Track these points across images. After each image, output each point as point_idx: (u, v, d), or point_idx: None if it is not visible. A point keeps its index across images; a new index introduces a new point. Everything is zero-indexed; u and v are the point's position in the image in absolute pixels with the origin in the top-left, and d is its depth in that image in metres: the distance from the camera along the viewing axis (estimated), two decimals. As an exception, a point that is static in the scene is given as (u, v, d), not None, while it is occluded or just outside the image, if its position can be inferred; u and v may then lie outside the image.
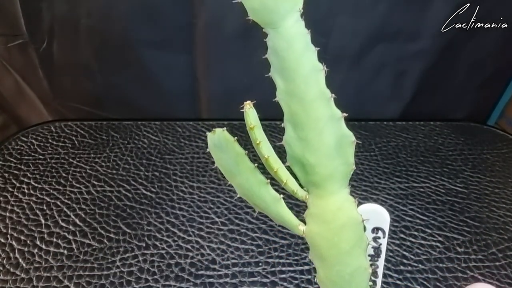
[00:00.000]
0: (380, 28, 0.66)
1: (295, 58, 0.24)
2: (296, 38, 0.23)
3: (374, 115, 0.76)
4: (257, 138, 0.27)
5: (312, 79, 0.25)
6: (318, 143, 0.26)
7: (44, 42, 0.67)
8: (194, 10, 0.64)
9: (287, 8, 0.23)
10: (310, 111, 0.25)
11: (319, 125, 0.26)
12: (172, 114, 0.74)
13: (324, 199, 0.29)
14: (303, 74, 0.24)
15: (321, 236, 0.29)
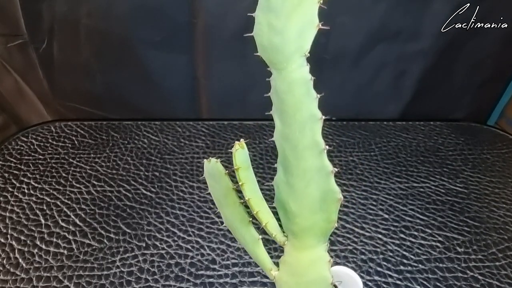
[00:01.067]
0: (380, 28, 0.66)
1: (294, 103, 0.23)
2: (298, 83, 0.23)
3: (374, 115, 0.76)
4: (241, 180, 0.27)
5: (307, 127, 0.24)
6: (303, 194, 0.26)
7: (44, 42, 0.67)
8: (194, 10, 0.64)
9: (292, 51, 0.22)
10: (300, 160, 0.25)
11: (307, 175, 0.25)
12: (172, 114, 0.74)
13: (299, 251, 0.28)
14: (300, 121, 0.24)
15: (288, 286, 0.29)
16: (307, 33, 0.22)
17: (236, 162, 0.26)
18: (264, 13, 0.23)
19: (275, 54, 0.23)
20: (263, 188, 0.31)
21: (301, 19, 0.22)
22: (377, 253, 0.48)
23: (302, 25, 0.22)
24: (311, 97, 0.23)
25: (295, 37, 0.22)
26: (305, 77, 0.23)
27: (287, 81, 0.23)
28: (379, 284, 0.45)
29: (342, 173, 0.60)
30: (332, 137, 0.68)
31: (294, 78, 0.23)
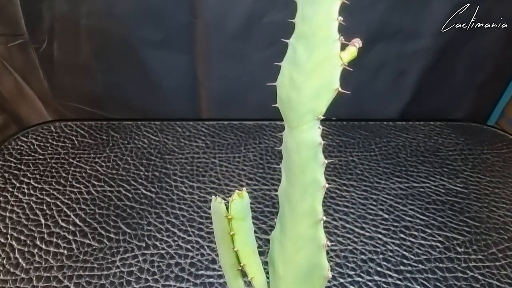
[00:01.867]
0: (380, 27, 0.66)
1: (299, 164, 0.23)
2: (306, 145, 0.22)
3: (373, 115, 0.76)
4: (232, 229, 0.26)
5: (308, 192, 0.23)
6: (292, 259, 0.25)
7: (44, 42, 0.67)
8: (195, 9, 0.64)
9: (306, 110, 0.21)
10: (296, 224, 0.24)
11: (299, 242, 0.24)
12: (172, 114, 0.74)
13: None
14: (302, 183, 0.23)
15: None
16: (324, 95, 0.21)
17: (230, 212, 0.25)
18: (289, 64, 0.22)
19: (290, 110, 0.22)
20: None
21: (321, 79, 0.21)
22: (377, 253, 0.48)
23: (320, 86, 0.21)
24: (317, 162, 0.22)
25: (311, 96, 0.21)
26: (314, 140, 0.22)
27: (296, 140, 0.22)
28: (379, 284, 0.45)
29: (342, 173, 0.60)
30: (332, 137, 0.68)
31: (303, 139, 0.22)
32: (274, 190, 0.56)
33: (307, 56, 0.21)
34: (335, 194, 0.57)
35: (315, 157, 0.22)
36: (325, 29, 0.20)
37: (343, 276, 0.46)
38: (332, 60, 0.20)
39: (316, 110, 0.21)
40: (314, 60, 0.21)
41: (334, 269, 0.46)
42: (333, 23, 0.20)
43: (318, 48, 0.20)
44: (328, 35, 0.20)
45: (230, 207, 0.25)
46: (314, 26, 0.21)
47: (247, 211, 0.26)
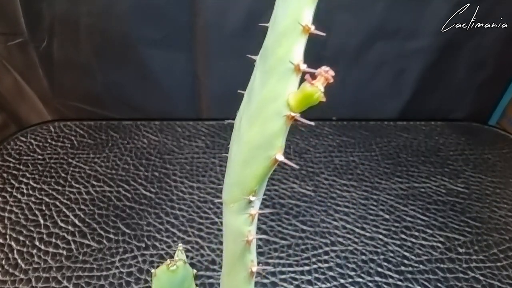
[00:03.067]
0: (379, 26, 0.66)
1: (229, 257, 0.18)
2: (232, 235, 0.17)
3: (374, 114, 0.75)
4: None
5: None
6: None
7: (44, 41, 0.67)
8: (195, 8, 0.64)
9: (234, 182, 0.16)
10: None
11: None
12: (172, 114, 0.74)
13: None
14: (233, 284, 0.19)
15: None
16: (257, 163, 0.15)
17: None
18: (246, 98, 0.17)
19: (227, 168, 0.17)
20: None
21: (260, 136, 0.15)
22: (378, 254, 0.48)
23: (257, 146, 0.15)
24: (243, 268, 0.17)
25: (241, 162, 0.15)
26: (241, 231, 0.16)
27: (226, 223, 0.17)
28: (380, 284, 0.45)
29: (343, 173, 0.60)
30: (333, 137, 0.67)
31: (229, 223, 0.17)
32: (274, 190, 0.56)
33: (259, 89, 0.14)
34: (336, 194, 0.56)
35: (241, 258, 0.17)
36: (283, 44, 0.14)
37: (344, 277, 0.45)
38: (276, 107, 0.14)
39: (245, 185, 0.15)
40: (262, 99, 0.14)
41: (334, 270, 0.46)
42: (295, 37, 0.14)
43: (269, 79, 0.14)
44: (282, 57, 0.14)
45: (152, 283, 0.20)
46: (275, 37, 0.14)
47: (183, 283, 0.20)
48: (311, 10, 0.14)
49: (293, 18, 0.14)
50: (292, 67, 0.13)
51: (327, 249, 0.48)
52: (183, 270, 0.20)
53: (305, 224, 0.52)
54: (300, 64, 0.14)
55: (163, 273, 0.19)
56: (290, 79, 0.13)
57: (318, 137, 0.67)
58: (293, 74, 0.14)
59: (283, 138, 0.14)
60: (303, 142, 0.66)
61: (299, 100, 0.13)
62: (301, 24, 0.13)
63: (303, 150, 0.64)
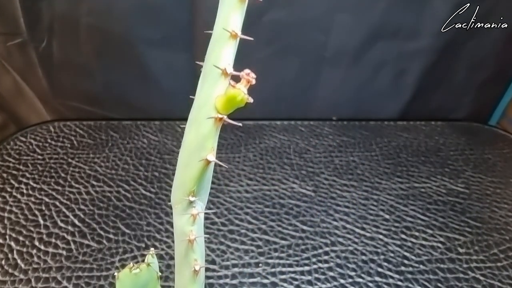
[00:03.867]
0: (380, 26, 0.66)
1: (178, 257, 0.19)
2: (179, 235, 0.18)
3: (373, 114, 0.75)
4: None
5: None
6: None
7: (43, 41, 0.67)
8: (194, 8, 0.63)
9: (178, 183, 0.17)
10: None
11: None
12: (172, 113, 0.74)
13: None
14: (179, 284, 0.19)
15: None
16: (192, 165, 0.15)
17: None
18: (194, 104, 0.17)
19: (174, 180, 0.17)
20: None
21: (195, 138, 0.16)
22: (378, 254, 0.48)
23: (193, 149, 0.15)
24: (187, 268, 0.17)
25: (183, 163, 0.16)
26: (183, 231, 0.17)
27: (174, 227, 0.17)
28: (380, 285, 0.45)
29: (343, 173, 0.60)
30: (333, 137, 0.67)
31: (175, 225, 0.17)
32: (274, 190, 0.56)
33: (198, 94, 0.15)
34: (336, 194, 0.56)
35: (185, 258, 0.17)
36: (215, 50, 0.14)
37: (344, 277, 0.45)
38: (206, 109, 0.15)
39: (185, 186, 0.16)
40: (198, 104, 0.15)
41: (334, 270, 0.46)
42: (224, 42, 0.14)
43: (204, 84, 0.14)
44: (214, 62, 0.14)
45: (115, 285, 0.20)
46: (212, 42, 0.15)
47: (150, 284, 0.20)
48: (239, 16, 0.14)
49: (222, 25, 0.14)
50: (220, 72, 0.14)
51: (327, 249, 0.48)
52: (147, 272, 0.20)
53: (305, 224, 0.51)
54: (226, 68, 0.14)
55: (126, 276, 0.19)
56: (218, 83, 0.14)
57: (318, 137, 0.67)
58: (221, 78, 0.14)
59: (214, 139, 0.15)
60: (303, 142, 0.66)
61: (224, 103, 0.14)
62: (227, 30, 0.14)
63: (303, 150, 0.64)
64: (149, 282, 0.20)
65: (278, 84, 0.70)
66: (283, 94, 0.72)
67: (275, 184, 0.57)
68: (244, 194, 0.56)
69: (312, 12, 0.64)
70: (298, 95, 0.74)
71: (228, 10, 0.14)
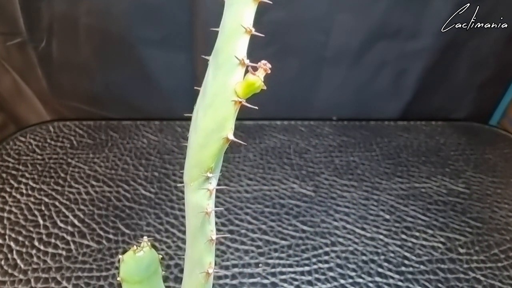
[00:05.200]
0: (380, 26, 0.66)
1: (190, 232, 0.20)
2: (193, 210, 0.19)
3: (374, 114, 0.75)
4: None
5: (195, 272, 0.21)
6: None
7: (43, 41, 0.67)
8: (194, 8, 0.63)
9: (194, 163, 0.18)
10: None
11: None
12: (172, 114, 0.73)
13: None
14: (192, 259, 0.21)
15: None
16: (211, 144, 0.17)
17: (119, 273, 0.21)
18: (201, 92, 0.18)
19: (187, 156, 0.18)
20: None
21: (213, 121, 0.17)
22: (378, 254, 0.48)
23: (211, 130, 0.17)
24: (203, 238, 0.19)
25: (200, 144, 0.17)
26: (200, 206, 0.18)
27: (187, 202, 0.19)
28: (380, 285, 0.44)
29: (343, 173, 0.60)
30: (333, 137, 0.67)
31: (190, 201, 0.18)
32: (274, 190, 0.56)
33: (211, 83, 0.17)
34: (336, 194, 0.56)
35: (201, 229, 0.18)
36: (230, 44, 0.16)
37: (344, 277, 0.45)
38: (225, 95, 0.16)
39: (202, 164, 0.17)
40: (214, 91, 0.17)
41: (335, 270, 0.46)
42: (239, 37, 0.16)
43: (219, 73, 0.16)
44: (230, 54, 0.16)
45: (120, 267, 0.21)
46: (224, 38, 0.17)
47: (149, 272, 0.21)
48: (252, 13, 0.17)
49: (237, 21, 0.16)
50: (238, 62, 0.16)
51: (327, 250, 0.48)
52: (149, 254, 0.22)
53: (305, 224, 0.51)
54: (244, 59, 0.16)
55: (130, 258, 0.21)
56: (236, 72, 0.16)
57: (318, 137, 0.67)
58: (238, 67, 0.16)
59: (232, 121, 0.17)
60: (303, 142, 0.66)
61: (244, 88, 0.16)
62: (243, 26, 0.16)
63: (303, 150, 0.64)
64: (151, 263, 0.22)
65: (278, 84, 0.70)
66: (284, 94, 0.72)
67: (275, 184, 0.57)
68: (244, 194, 0.55)
69: (313, 12, 0.64)
70: (298, 96, 0.74)
71: (243, 8, 0.16)
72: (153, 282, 0.22)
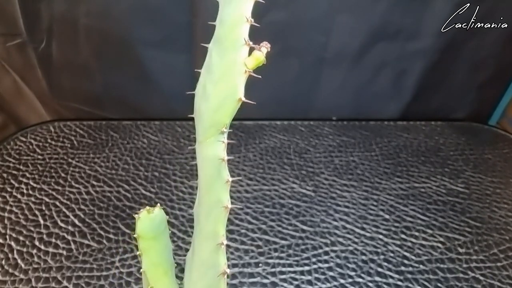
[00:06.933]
0: (380, 27, 0.66)
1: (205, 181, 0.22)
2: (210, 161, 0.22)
3: (374, 115, 0.75)
4: (140, 249, 0.26)
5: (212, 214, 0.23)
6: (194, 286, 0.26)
7: (43, 42, 0.67)
8: (194, 9, 0.63)
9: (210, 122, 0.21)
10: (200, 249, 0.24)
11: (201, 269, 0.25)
12: (172, 114, 0.74)
13: None
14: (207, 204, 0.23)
15: None
16: (227, 106, 0.20)
17: (136, 230, 0.24)
18: (205, 72, 0.22)
19: (198, 122, 0.22)
20: None
21: (226, 88, 0.20)
22: (378, 254, 0.48)
23: (225, 96, 0.20)
24: (221, 181, 0.22)
25: (215, 107, 0.21)
26: (217, 156, 0.21)
27: (202, 155, 0.22)
28: (380, 285, 0.45)
29: (343, 173, 0.60)
30: (333, 137, 0.67)
31: (207, 154, 0.21)
32: (274, 190, 0.56)
33: (218, 62, 0.21)
34: (336, 194, 0.56)
35: (218, 174, 0.21)
36: (235, 31, 0.20)
37: (344, 277, 0.45)
38: (237, 67, 0.20)
39: (219, 123, 0.20)
40: (223, 67, 0.20)
41: (334, 270, 0.46)
42: (242, 25, 0.20)
43: (227, 53, 0.20)
44: (236, 38, 0.20)
45: (136, 225, 0.24)
46: (226, 28, 0.20)
47: (160, 229, 0.25)
48: (250, 6, 0.20)
49: (240, 13, 0.20)
50: (244, 43, 0.20)
51: (327, 249, 0.48)
52: (160, 214, 0.25)
53: (305, 224, 0.52)
54: (248, 41, 0.20)
55: (145, 217, 0.24)
56: (243, 51, 0.20)
57: (318, 137, 0.67)
58: (244, 47, 0.20)
59: (243, 87, 0.20)
60: (303, 142, 0.66)
61: (253, 61, 0.20)
62: (246, 17, 0.20)
63: (303, 150, 0.64)
64: (162, 222, 0.25)
65: (278, 84, 0.70)
66: (284, 95, 0.72)
67: (275, 184, 0.57)
68: (244, 194, 0.56)
69: (313, 13, 0.64)
70: (298, 96, 0.74)
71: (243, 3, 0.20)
72: (163, 238, 0.26)
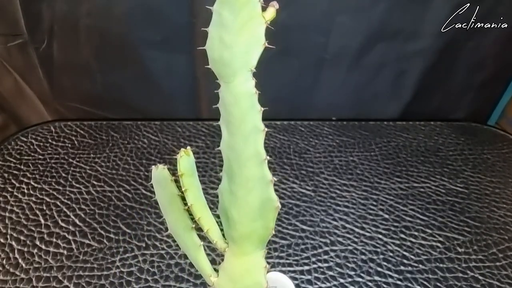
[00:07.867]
0: (380, 28, 0.66)
1: (239, 115, 0.25)
2: (243, 96, 0.24)
3: (374, 115, 0.75)
4: (184, 186, 0.28)
5: (251, 138, 0.25)
6: (244, 201, 0.27)
7: (44, 42, 0.67)
8: (194, 9, 0.64)
9: (239, 65, 0.24)
10: (243, 169, 0.26)
11: (249, 184, 0.27)
12: (172, 114, 0.74)
13: (237, 257, 0.30)
14: (244, 132, 0.25)
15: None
16: (253, 50, 0.24)
17: (180, 169, 0.27)
18: (216, 28, 0.26)
19: (224, 68, 0.25)
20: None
21: (249, 37, 0.24)
22: (378, 253, 0.48)
23: (250, 42, 0.24)
24: (255, 110, 0.24)
25: (242, 52, 0.24)
26: (250, 91, 0.24)
27: (234, 94, 0.25)
28: (379, 284, 0.45)
29: (342, 173, 0.60)
30: (332, 137, 0.68)
31: (240, 91, 0.24)
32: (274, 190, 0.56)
33: (233, 18, 0.24)
34: (335, 194, 0.56)
35: (252, 105, 0.24)
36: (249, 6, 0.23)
37: (343, 276, 0.45)
38: (256, 20, 0.23)
39: (248, 64, 0.24)
40: (240, 21, 0.24)
41: (334, 269, 0.46)
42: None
43: (242, 10, 0.24)
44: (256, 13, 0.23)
45: (179, 164, 0.27)
46: None
47: (194, 168, 0.28)
48: None
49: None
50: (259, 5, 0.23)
51: (327, 249, 0.49)
52: (192, 155, 0.27)
53: (305, 224, 0.52)
54: (262, 2, 0.23)
55: (185, 157, 0.27)
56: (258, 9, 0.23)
57: (318, 137, 0.68)
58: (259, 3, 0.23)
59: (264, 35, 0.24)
60: (303, 142, 0.66)
61: (269, 15, 0.24)
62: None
63: (303, 150, 0.64)
64: (194, 162, 0.27)
65: (278, 85, 0.70)
66: (284, 95, 0.73)
67: (275, 184, 0.57)
68: (244, 194, 0.56)
69: (313, 14, 0.64)
70: (298, 96, 0.74)
71: None
72: (197, 177, 0.28)
